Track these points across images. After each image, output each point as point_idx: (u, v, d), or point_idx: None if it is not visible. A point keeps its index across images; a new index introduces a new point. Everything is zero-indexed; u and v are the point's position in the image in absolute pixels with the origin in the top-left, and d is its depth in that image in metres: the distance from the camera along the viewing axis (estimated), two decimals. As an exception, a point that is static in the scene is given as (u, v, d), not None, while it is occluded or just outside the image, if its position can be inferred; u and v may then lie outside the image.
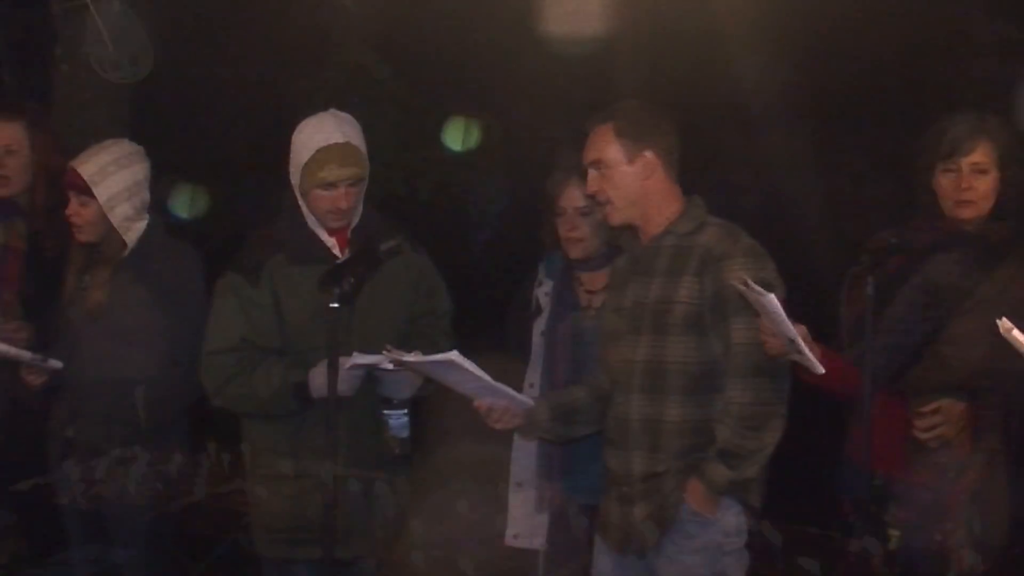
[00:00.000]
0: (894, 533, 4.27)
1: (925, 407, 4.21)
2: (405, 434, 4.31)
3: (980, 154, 4.29)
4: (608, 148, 4.10)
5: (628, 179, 4.11)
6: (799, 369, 4.06)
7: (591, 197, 4.38)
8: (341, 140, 4.31)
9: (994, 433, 4.26)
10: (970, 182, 4.29)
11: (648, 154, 4.10)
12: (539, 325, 4.77)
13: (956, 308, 4.19)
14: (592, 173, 4.14)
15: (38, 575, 5.30)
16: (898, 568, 4.25)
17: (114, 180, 4.69)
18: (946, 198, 4.33)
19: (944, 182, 4.34)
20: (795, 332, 3.74)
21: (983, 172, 4.30)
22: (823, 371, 3.83)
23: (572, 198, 4.60)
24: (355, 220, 4.43)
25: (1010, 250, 4.28)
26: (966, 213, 4.29)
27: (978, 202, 4.29)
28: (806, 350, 3.76)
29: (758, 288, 3.72)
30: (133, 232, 4.74)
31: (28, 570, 5.33)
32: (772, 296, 3.67)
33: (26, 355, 4.72)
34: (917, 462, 4.24)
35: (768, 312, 3.75)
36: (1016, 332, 3.52)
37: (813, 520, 4.47)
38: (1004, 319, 3.60)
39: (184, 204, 7.41)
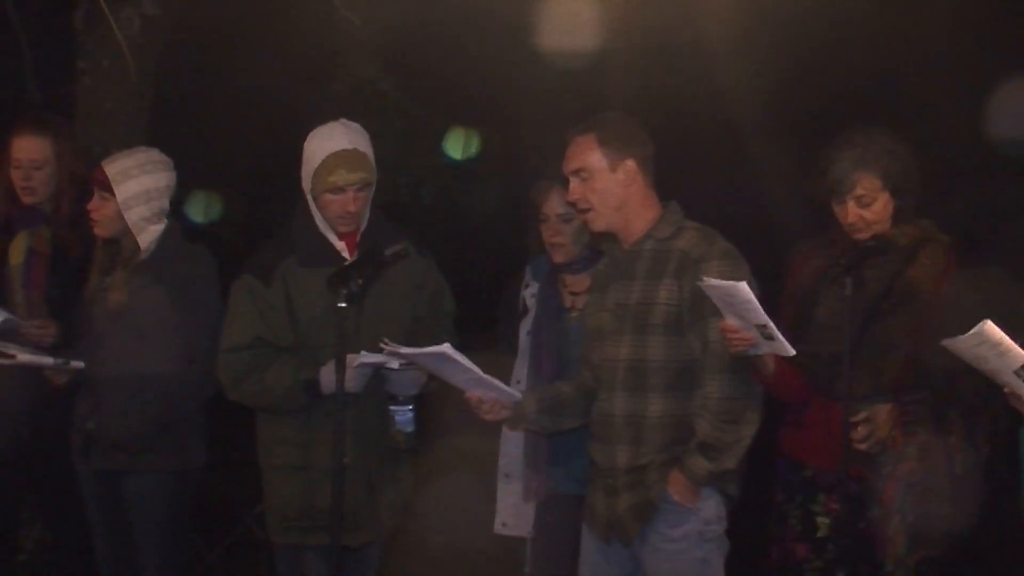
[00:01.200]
0: (823, 521, 4.31)
1: (856, 417, 4.19)
2: (410, 429, 4.31)
3: (862, 188, 4.28)
4: (591, 156, 4.09)
5: (611, 186, 4.10)
6: (755, 371, 4.08)
7: (572, 204, 4.38)
8: (349, 147, 4.30)
9: (925, 426, 4.25)
10: (858, 213, 4.30)
11: (629, 162, 4.10)
12: (526, 324, 4.77)
13: (875, 313, 4.18)
14: (574, 181, 4.13)
15: (61, 561, 5.29)
16: (829, 554, 4.29)
17: (134, 183, 4.68)
18: (842, 224, 4.32)
19: (837, 211, 4.35)
20: (767, 317, 3.74)
21: (869, 204, 4.28)
22: (793, 351, 3.82)
23: (554, 205, 4.60)
24: (363, 225, 4.41)
25: (917, 248, 4.27)
26: (861, 236, 4.29)
27: (871, 226, 4.29)
28: (777, 333, 3.76)
29: (724, 282, 3.73)
30: (148, 234, 4.71)
31: (51, 556, 5.31)
32: (743, 284, 3.68)
33: (48, 361, 4.72)
34: (854, 458, 4.22)
35: (737, 303, 3.74)
36: (989, 326, 3.51)
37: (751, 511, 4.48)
38: (986, 321, 3.59)
39: (199, 210, 7.38)
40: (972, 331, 3.57)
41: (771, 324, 3.74)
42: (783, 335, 3.84)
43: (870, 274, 4.23)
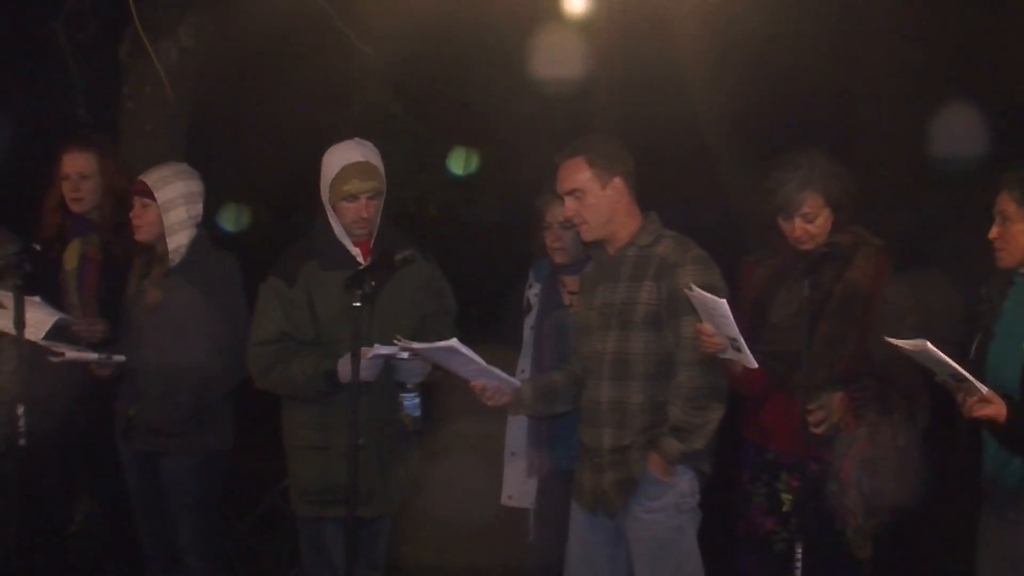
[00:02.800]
0: (787, 498, 4.31)
1: (811, 405, 4.21)
2: (417, 413, 4.30)
3: (808, 206, 4.27)
4: (582, 177, 4.09)
5: (602, 202, 4.10)
6: (723, 369, 4.09)
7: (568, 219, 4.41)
8: (362, 160, 4.31)
9: (871, 409, 4.25)
10: (803, 228, 4.29)
11: (617, 180, 4.10)
12: (529, 320, 4.77)
13: (820, 312, 4.17)
14: (569, 200, 4.13)
15: (106, 532, 5.29)
16: (793, 526, 4.27)
17: (172, 187, 4.68)
18: (788, 237, 4.33)
19: (784, 226, 4.33)
20: (738, 332, 3.75)
21: (813, 220, 4.28)
22: (756, 365, 3.84)
23: (556, 214, 4.58)
24: (375, 233, 4.41)
25: (854, 253, 4.27)
26: (806, 247, 4.29)
27: (813, 238, 4.28)
28: (745, 347, 3.78)
29: (710, 295, 3.74)
30: (181, 236, 4.70)
31: (98, 527, 5.31)
32: (724, 301, 3.70)
33: (92, 356, 4.71)
34: (812, 441, 4.24)
35: (715, 315, 3.76)
36: (930, 347, 3.53)
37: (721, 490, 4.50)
38: (897, 341, 3.62)
39: (231, 220, 7.38)
40: (915, 342, 3.60)
41: (740, 339, 3.76)
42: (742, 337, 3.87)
43: (813, 280, 4.19)
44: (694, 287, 3.83)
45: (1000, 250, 3.87)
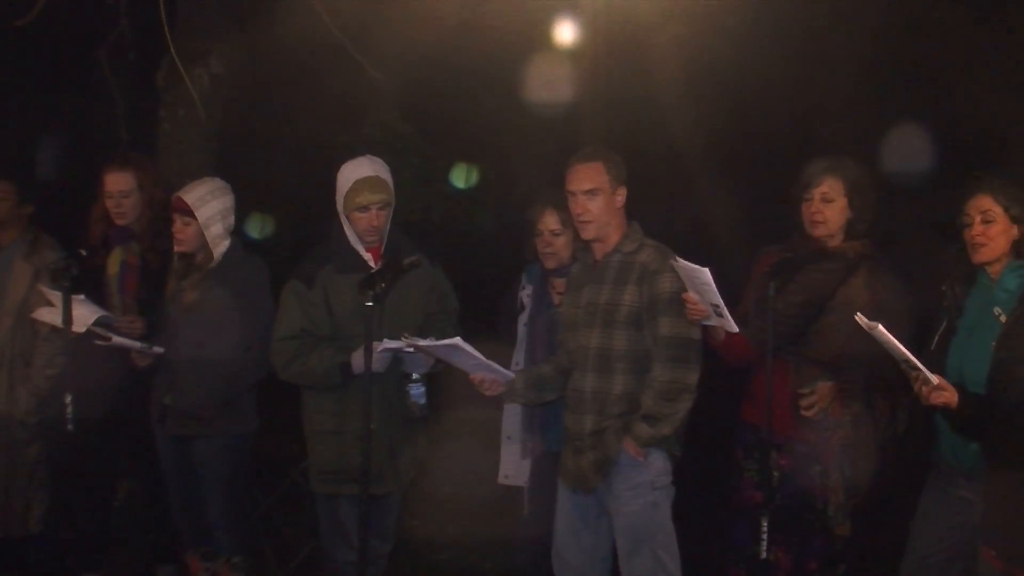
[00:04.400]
0: (775, 473, 4.31)
1: (804, 390, 4.22)
2: (423, 401, 4.32)
3: (827, 186, 4.28)
4: (601, 179, 4.09)
5: (609, 206, 4.10)
6: (709, 336, 4.10)
7: (561, 222, 4.42)
8: (372, 174, 4.31)
9: (856, 400, 4.27)
10: (819, 208, 4.29)
11: (623, 189, 4.12)
12: (523, 318, 4.75)
13: (824, 306, 4.19)
14: (583, 198, 4.09)
15: (145, 506, 5.30)
16: (778, 501, 4.28)
17: (211, 206, 4.67)
18: (805, 220, 4.34)
19: (803, 208, 4.33)
20: (719, 298, 3.80)
21: (830, 201, 4.28)
22: (737, 329, 3.89)
23: (548, 223, 4.58)
24: (385, 240, 4.41)
25: (862, 263, 4.27)
26: (818, 231, 4.29)
27: (827, 223, 4.28)
28: (726, 313, 3.83)
29: (691, 265, 3.78)
30: (220, 247, 4.71)
31: (138, 501, 5.31)
32: (707, 270, 3.73)
33: (136, 345, 4.72)
34: (801, 424, 4.24)
35: (698, 283, 3.80)
36: (880, 328, 3.53)
37: (718, 465, 4.50)
38: (863, 317, 3.62)
39: (256, 228, 7.37)
40: (869, 323, 3.60)
41: (722, 304, 3.81)
42: (738, 321, 3.92)
43: (816, 278, 4.23)
44: (678, 259, 3.86)
45: (982, 246, 3.84)
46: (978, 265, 3.90)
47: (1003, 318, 3.75)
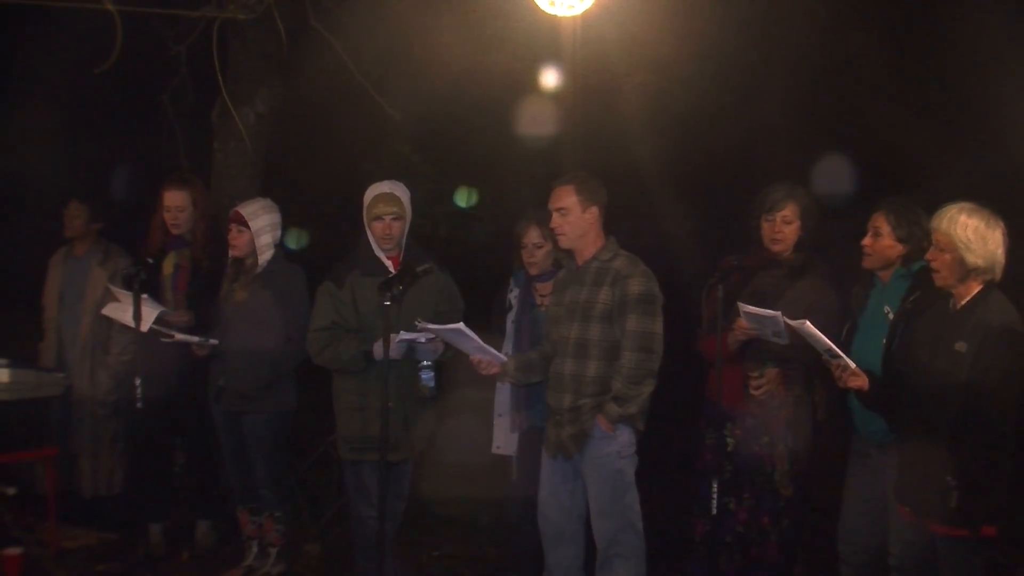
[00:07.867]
0: (730, 441, 4.33)
1: (754, 373, 4.23)
2: (432, 384, 4.31)
3: (788, 211, 4.29)
4: (569, 199, 4.08)
5: (580, 222, 4.09)
6: (693, 341, 4.16)
7: (543, 236, 4.41)
8: (388, 191, 4.35)
9: (798, 385, 4.29)
10: (780, 228, 4.29)
11: (594, 208, 4.10)
12: (511, 316, 4.72)
13: (773, 306, 4.16)
14: (556, 215, 4.11)
15: (200, 473, 5.29)
16: (734, 464, 4.31)
17: (262, 219, 4.69)
18: (766, 237, 4.34)
19: (765, 226, 4.34)
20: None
21: (789, 223, 4.30)
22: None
23: (531, 237, 4.57)
24: (403, 249, 4.42)
25: (805, 270, 4.29)
26: (777, 248, 4.31)
27: (784, 241, 4.30)
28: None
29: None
30: (266, 255, 4.72)
31: (194, 468, 5.31)
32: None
33: (195, 339, 4.74)
34: (751, 402, 4.25)
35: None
36: (808, 324, 3.56)
37: (685, 434, 4.52)
38: (787, 318, 3.64)
39: (293, 240, 7.37)
40: (798, 321, 3.63)
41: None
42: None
43: (766, 282, 4.24)
44: (746, 307, 3.88)
45: (869, 255, 3.91)
46: (871, 271, 3.96)
47: (891, 315, 3.78)
